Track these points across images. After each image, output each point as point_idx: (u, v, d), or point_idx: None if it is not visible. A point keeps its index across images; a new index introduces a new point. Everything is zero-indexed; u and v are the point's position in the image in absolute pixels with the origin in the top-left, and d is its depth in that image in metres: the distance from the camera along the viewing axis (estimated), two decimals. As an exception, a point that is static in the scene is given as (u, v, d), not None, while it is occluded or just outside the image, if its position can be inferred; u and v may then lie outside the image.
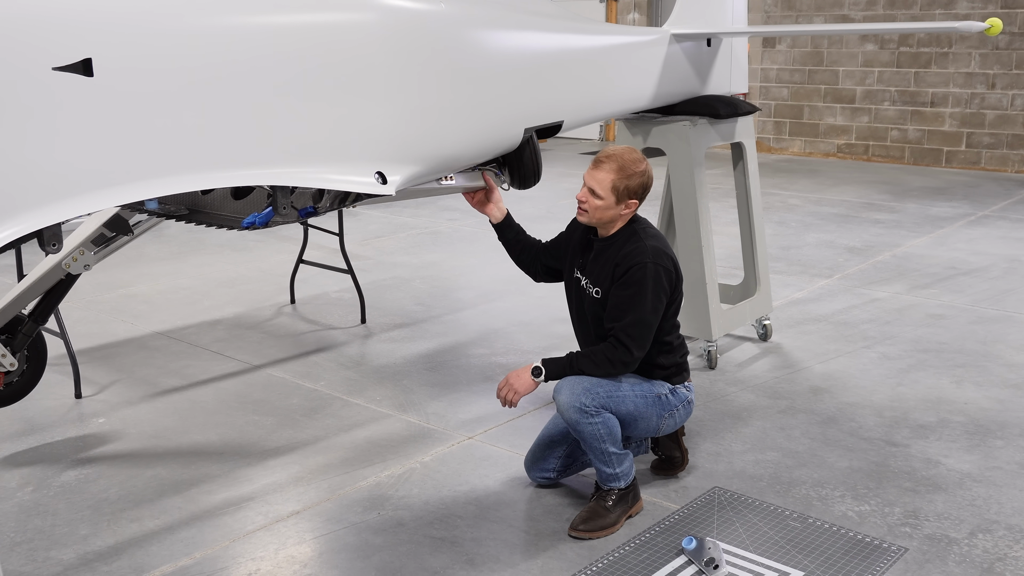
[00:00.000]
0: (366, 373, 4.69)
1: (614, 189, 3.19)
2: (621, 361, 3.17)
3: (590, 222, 3.30)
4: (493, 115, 3.48)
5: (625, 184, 3.20)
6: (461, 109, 3.33)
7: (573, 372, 3.19)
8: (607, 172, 3.20)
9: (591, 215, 3.26)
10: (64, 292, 3.59)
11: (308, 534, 3.21)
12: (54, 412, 4.20)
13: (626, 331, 3.16)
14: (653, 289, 3.17)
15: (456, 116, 3.32)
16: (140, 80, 2.38)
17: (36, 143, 2.22)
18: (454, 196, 9.13)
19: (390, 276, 6.46)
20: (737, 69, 4.99)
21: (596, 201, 3.21)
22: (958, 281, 6.30)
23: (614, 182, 3.19)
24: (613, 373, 3.19)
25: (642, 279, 3.17)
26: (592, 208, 3.23)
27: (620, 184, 3.19)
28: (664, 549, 3.10)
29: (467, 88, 3.34)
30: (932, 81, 11.35)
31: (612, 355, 3.16)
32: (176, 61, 2.45)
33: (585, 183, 3.25)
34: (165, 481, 3.58)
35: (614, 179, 3.19)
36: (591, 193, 3.22)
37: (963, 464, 3.69)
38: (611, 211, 3.23)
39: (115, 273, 6.39)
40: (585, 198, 3.24)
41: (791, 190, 9.81)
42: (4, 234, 2.21)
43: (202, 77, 2.51)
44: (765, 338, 5.11)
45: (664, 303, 3.22)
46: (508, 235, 3.69)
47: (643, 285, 3.16)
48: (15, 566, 3.01)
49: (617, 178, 3.19)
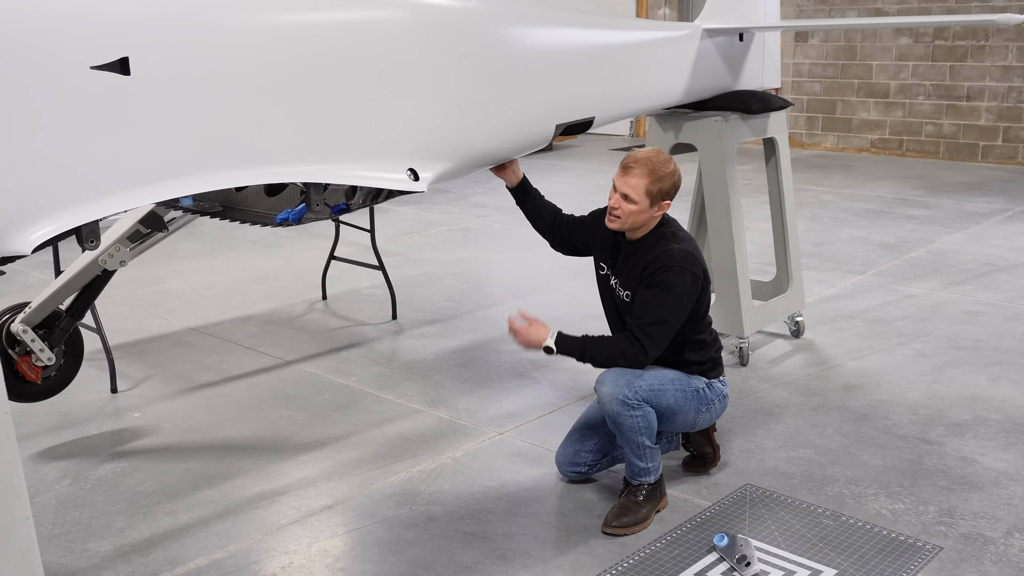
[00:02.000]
0: (397, 369, 4.71)
1: (648, 193, 3.19)
2: (634, 357, 3.16)
3: (622, 227, 3.27)
4: (524, 111, 3.49)
5: (658, 187, 3.19)
6: (493, 106, 3.34)
7: (583, 355, 3.21)
8: (639, 177, 3.19)
9: (624, 220, 3.23)
10: (100, 288, 3.63)
11: (340, 528, 3.23)
12: (90, 406, 4.25)
13: (643, 329, 3.16)
14: (678, 292, 3.16)
15: (488, 113, 3.33)
16: (176, 79, 2.40)
17: (74, 141, 2.25)
18: (484, 193, 9.18)
19: (421, 272, 6.49)
20: (769, 63, 4.96)
21: (630, 206, 3.20)
22: (994, 277, 6.22)
23: (647, 186, 3.18)
24: (621, 366, 3.19)
25: (667, 280, 3.16)
26: (626, 213, 3.21)
27: (653, 188, 3.19)
28: (695, 546, 3.09)
29: (498, 85, 3.34)
30: (968, 75, 11.21)
31: (627, 349, 3.16)
32: (211, 60, 2.47)
33: (617, 189, 3.23)
34: (199, 475, 3.62)
35: (647, 183, 3.18)
36: (624, 199, 3.21)
37: (999, 463, 3.65)
38: (644, 215, 3.22)
39: (150, 269, 6.46)
40: (618, 204, 3.22)
41: (824, 186, 9.73)
42: (43, 231, 2.24)
43: (237, 76, 2.54)
44: (797, 335, 5.07)
45: (688, 308, 3.21)
46: (525, 200, 3.70)
47: (668, 287, 3.16)
48: (53, 557, 3.05)
49: (650, 182, 3.18)
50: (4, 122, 2.13)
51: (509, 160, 3.64)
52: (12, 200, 2.19)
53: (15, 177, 2.18)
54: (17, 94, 2.14)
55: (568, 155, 11.94)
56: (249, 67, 2.57)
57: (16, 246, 2.21)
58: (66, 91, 2.21)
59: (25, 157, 2.18)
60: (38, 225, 2.23)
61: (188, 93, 2.43)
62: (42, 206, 2.23)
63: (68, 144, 2.24)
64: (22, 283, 6.02)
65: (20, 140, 2.16)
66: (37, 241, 2.23)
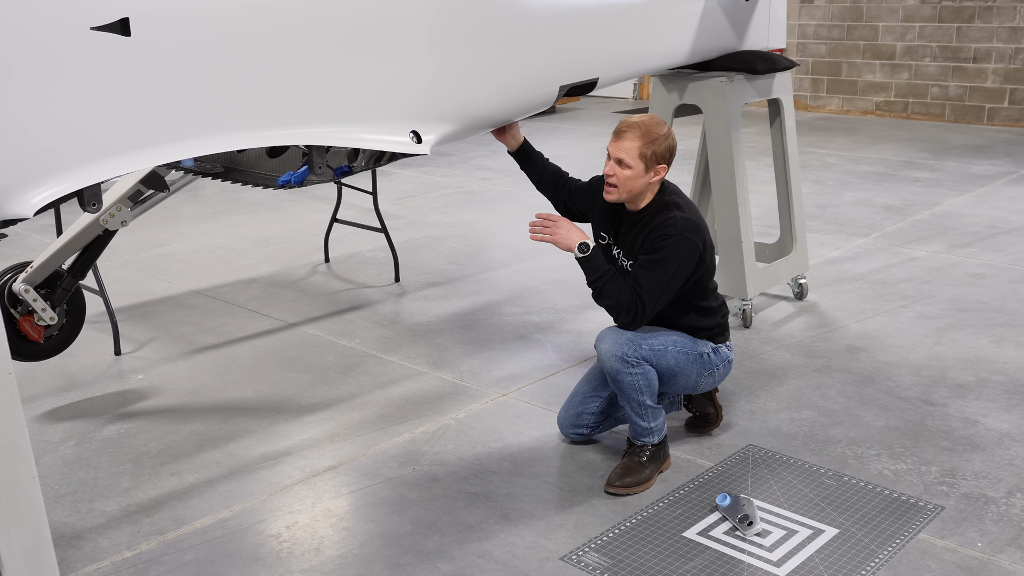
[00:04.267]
0: (400, 331, 4.71)
1: (642, 156, 3.14)
2: (633, 310, 3.13)
3: (619, 198, 3.22)
4: (528, 73, 3.45)
5: (652, 150, 3.15)
6: (496, 67, 3.30)
7: (599, 280, 3.14)
8: (632, 140, 3.15)
9: (621, 188, 3.19)
10: (102, 248, 3.63)
11: (344, 488, 3.25)
12: (94, 368, 4.26)
13: (638, 291, 3.14)
14: (676, 261, 3.14)
15: (491, 74, 3.30)
16: (177, 40, 2.38)
17: (75, 104, 2.23)
18: (486, 156, 9.13)
19: (423, 235, 6.47)
20: (775, 24, 4.90)
21: (625, 172, 3.16)
22: (998, 240, 6.20)
23: (640, 149, 3.14)
24: (615, 318, 3.17)
25: (666, 248, 3.13)
26: (622, 180, 3.17)
27: (647, 150, 3.14)
28: (698, 505, 3.11)
29: (502, 46, 3.31)
30: (975, 36, 11.10)
31: (628, 301, 3.13)
32: (214, 21, 2.45)
33: (611, 155, 3.18)
34: (204, 436, 3.63)
35: (640, 146, 3.14)
36: (619, 164, 3.17)
37: (1002, 424, 3.66)
38: (641, 180, 3.18)
39: (152, 232, 6.45)
40: (613, 171, 3.17)
41: (828, 148, 9.68)
42: (45, 194, 2.23)
43: (239, 37, 2.51)
44: (801, 297, 5.07)
45: (683, 277, 3.18)
46: (527, 163, 3.66)
47: (667, 253, 3.13)
48: (60, 517, 3.08)
49: (643, 144, 3.14)
50: (4, 85, 2.11)
51: (509, 124, 3.60)
52: (13, 163, 2.18)
53: (16, 140, 2.17)
54: (18, 56, 2.12)
55: (570, 118, 11.87)
56: (252, 28, 2.54)
57: (18, 209, 2.21)
58: (67, 53, 2.19)
59: (26, 120, 2.17)
60: (40, 188, 2.23)
61: (190, 54, 2.41)
62: (44, 169, 2.22)
63: (69, 107, 2.23)
64: (24, 246, 6.01)
65: (21, 103, 2.15)
66: (39, 204, 2.22)
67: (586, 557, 2.84)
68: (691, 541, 2.92)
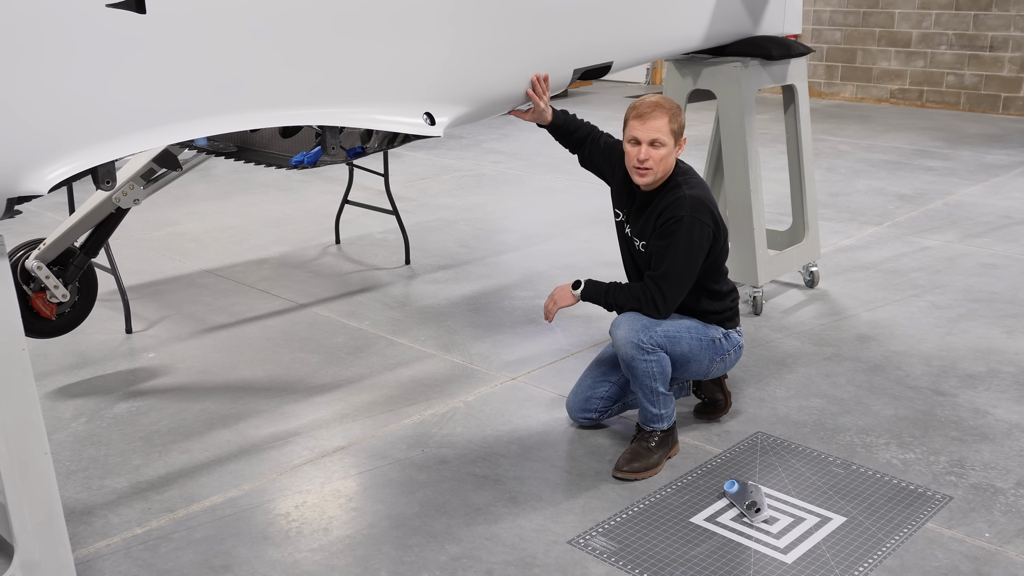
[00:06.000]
0: (410, 313, 4.72)
1: (672, 132, 3.18)
2: (652, 306, 3.17)
3: (655, 178, 3.19)
4: (542, 56, 3.44)
5: (678, 123, 3.20)
6: (510, 49, 3.29)
7: (607, 301, 3.26)
8: (660, 118, 3.15)
9: (657, 169, 3.17)
10: (114, 226, 3.64)
11: (353, 469, 3.26)
12: (106, 346, 4.28)
13: (656, 282, 3.16)
14: (687, 243, 3.14)
15: (505, 56, 3.29)
16: (191, 19, 2.38)
17: (90, 81, 2.24)
18: (498, 139, 9.11)
19: (434, 218, 6.47)
20: (791, 9, 4.87)
21: (660, 151, 3.15)
22: (1012, 230, 6.17)
23: (669, 125, 3.17)
24: (643, 311, 3.20)
25: (677, 231, 3.14)
26: (657, 160, 3.15)
27: (675, 124, 3.19)
28: (706, 492, 3.11)
29: (516, 28, 3.29)
30: (992, 24, 11.01)
31: (644, 298, 3.18)
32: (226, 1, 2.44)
33: (641, 141, 3.16)
34: (214, 415, 3.65)
35: (668, 121, 3.16)
36: (652, 145, 3.15)
37: (1012, 415, 3.65)
38: (672, 157, 3.20)
39: (163, 212, 6.47)
40: (647, 155, 3.15)
41: (841, 136, 9.63)
42: (60, 171, 2.24)
43: (254, 16, 2.51)
44: (812, 285, 5.06)
45: (700, 258, 3.18)
46: (560, 130, 3.59)
47: (677, 238, 3.13)
48: (71, 493, 3.10)
49: (670, 119, 3.17)
50: (20, 62, 2.11)
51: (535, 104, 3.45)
52: (29, 140, 2.19)
53: (32, 117, 2.17)
54: (33, 33, 2.12)
55: (583, 101, 11.83)
56: (267, 7, 2.54)
57: (32, 186, 2.21)
58: (82, 30, 2.19)
59: (41, 97, 2.17)
60: (54, 165, 2.23)
61: (204, 33, 2.41)
62: (58, 146, 2.23)
63: (84, 84, 2.23)
64: (37, 223, 6.03)
65: (36, 80, 2.15)
66: (53, 181, 2.23)
67: (593, 541, 2.85)
68: (698, 527, 2.92)
